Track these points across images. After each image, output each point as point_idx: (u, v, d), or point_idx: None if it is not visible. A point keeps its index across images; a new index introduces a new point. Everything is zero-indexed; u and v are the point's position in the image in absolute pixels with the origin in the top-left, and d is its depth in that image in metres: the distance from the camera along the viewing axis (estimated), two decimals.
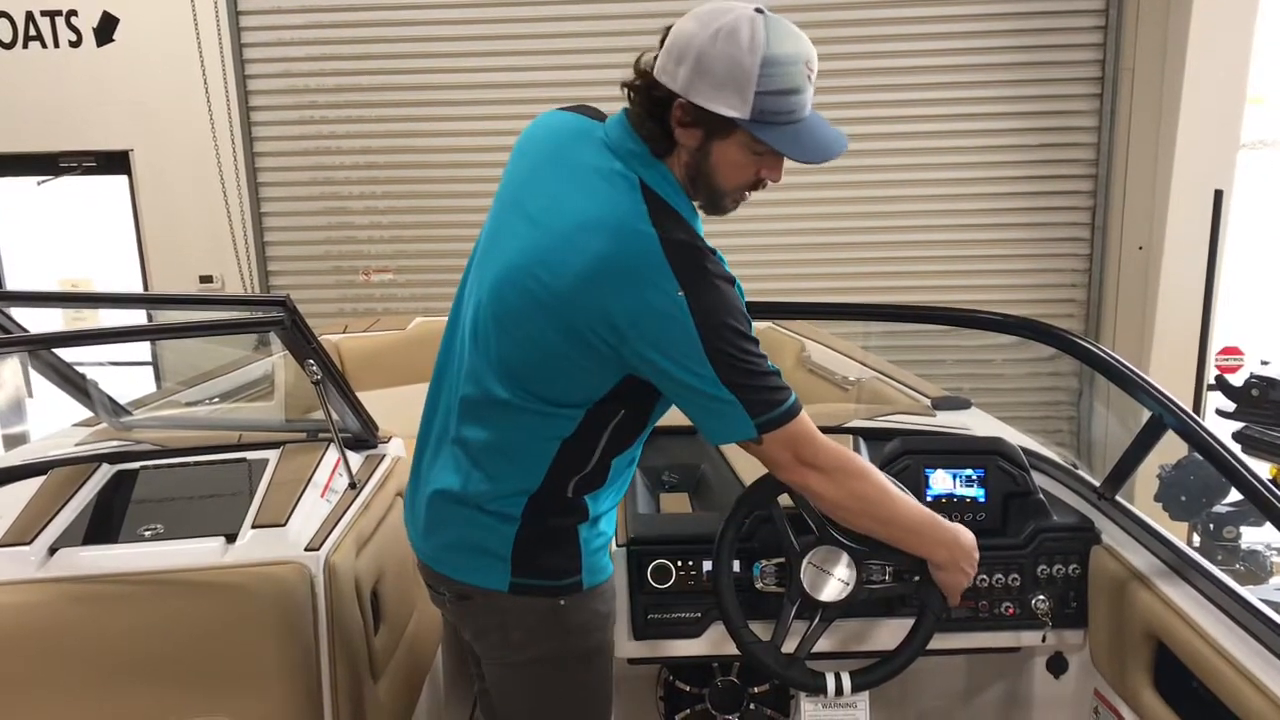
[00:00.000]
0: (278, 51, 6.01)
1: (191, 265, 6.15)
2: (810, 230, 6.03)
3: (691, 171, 1.76)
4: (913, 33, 5.78)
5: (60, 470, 2.62)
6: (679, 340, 1.67)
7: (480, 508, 1.90)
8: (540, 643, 1.95)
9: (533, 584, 1.91)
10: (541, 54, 5.92)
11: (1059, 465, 2.51)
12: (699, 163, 1.75)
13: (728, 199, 1.80)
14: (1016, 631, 2.29)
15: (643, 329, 1.68)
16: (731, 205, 1.82)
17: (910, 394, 3.42)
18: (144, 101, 6.00)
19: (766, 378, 1.73)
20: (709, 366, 1.68)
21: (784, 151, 1.70)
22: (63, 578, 2.22)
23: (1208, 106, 5.34)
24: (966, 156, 5.92)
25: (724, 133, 1.70)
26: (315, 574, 2.22)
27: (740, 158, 1.73)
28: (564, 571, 1.91)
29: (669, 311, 1.66)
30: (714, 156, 1.73)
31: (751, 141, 1.69)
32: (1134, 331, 5.81)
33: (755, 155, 1.73)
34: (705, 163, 1.74)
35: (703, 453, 2.59)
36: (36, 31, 5.95)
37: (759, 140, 1.68)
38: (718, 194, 1.79)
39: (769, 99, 1.65)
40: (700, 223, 1.83)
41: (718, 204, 1.81)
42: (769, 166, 1.76)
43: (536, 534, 1.89)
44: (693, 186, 1.78)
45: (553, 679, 2.00)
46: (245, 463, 2.72)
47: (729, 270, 1.75)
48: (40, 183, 6.15)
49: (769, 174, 1.77)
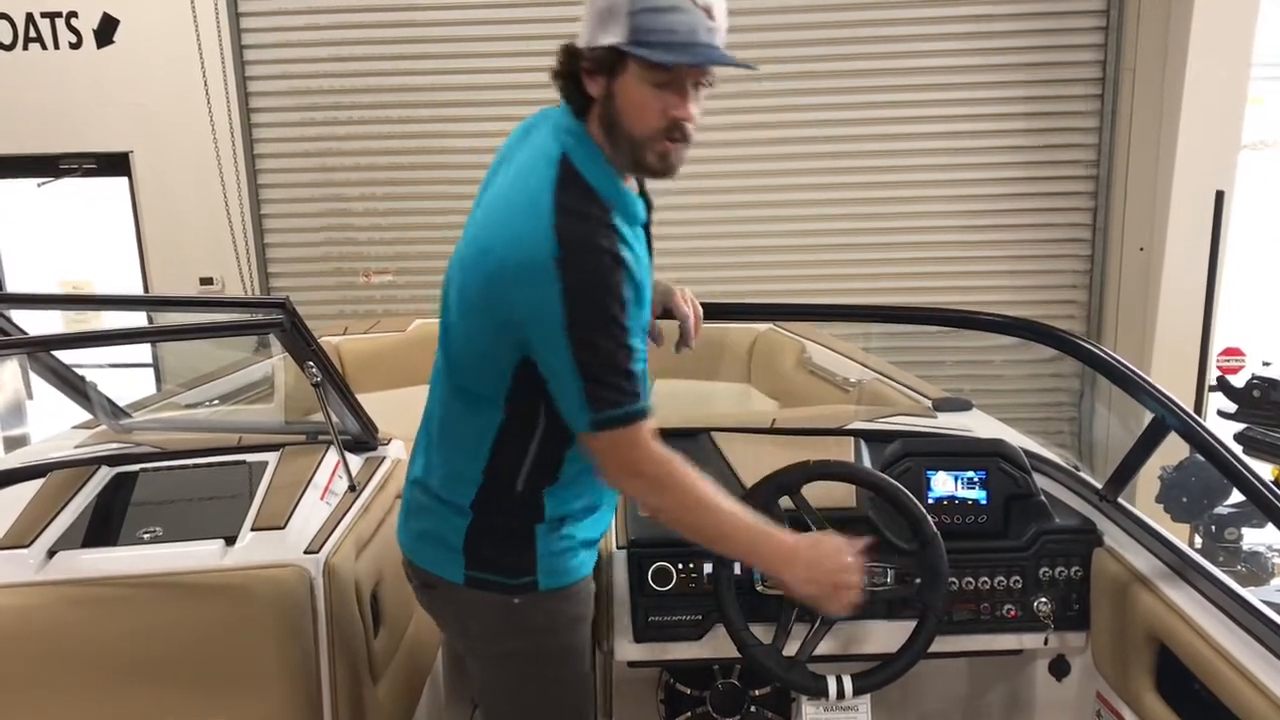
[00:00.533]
0: (278, 53, 6.00)
1: (192, 267, 6.15)
2: (811, 231, 6.02)
3: (606, 124, 1.74)
4: (913, 34, 5.77)
5: (59, 473, 2.62)
6: (545, 309, 1.66)
7: (438, 497, 1.94)
8: (503, 639, 1.98)
9: (487, 579, 1.92)
10: (542, 55, 5.89)
11: (1060, 467, 2.50)
12: (609, 113, 1.73)
13: (646, 151, 1.73)
14: (1018, 634, 2.29)
15: (518, 293, 1.68)
16: (656, 160, 1.74)
17: (911, 395, 3.42)
18: (144, 103, 5.99)
19: (619, 373, 1.70)
20: (565, 342, 1.67)
21: (653, 58, 1.64)
22: (62, 580, 2.22)
23: (1209, 107, 5.33)
24: (967, 157, 5.91)
25: (618, 67, 1.69)
26: (315, 576, 2.22)
27: (639, 94, 1.69)
28: (518, 570, 1.92)
29: (541, 279, 1.65)
30: (618, 101, 1.71)
31: (642, 71, 1.67)
32: (1135, 332, 5.80)
33: (655, 89, 1.68)
34: (613, 109, 1.72)
35: (704, 455, 2.58)
36: (37, 33, 5.94)
37: (641, 62, 1.65)
38: (635, 145, 1.73)
39: (644, 17, 1.63)
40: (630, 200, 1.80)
41: (639, 158, 1.75)
42: (674, 104, 1.70)
43: (487, 528, 1.91)
44: (614, 147, 1.75)
45: (523, 674, 2.02)
46: (245, 465, 2.72)
47: (635, 255, 1.73)
48: (40, 184, 6.15)
49: (676, 111, 1.70)
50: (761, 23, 5.75)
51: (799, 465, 2.10)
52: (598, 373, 1.69)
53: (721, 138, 5.85)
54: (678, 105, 1.70)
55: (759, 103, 5.83)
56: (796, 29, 5.79)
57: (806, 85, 5.84)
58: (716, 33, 1.67)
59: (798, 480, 2.09)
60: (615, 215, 1.74)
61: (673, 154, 1.75)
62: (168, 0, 5.83)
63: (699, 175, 5.93)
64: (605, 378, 1.69)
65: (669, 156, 1.75)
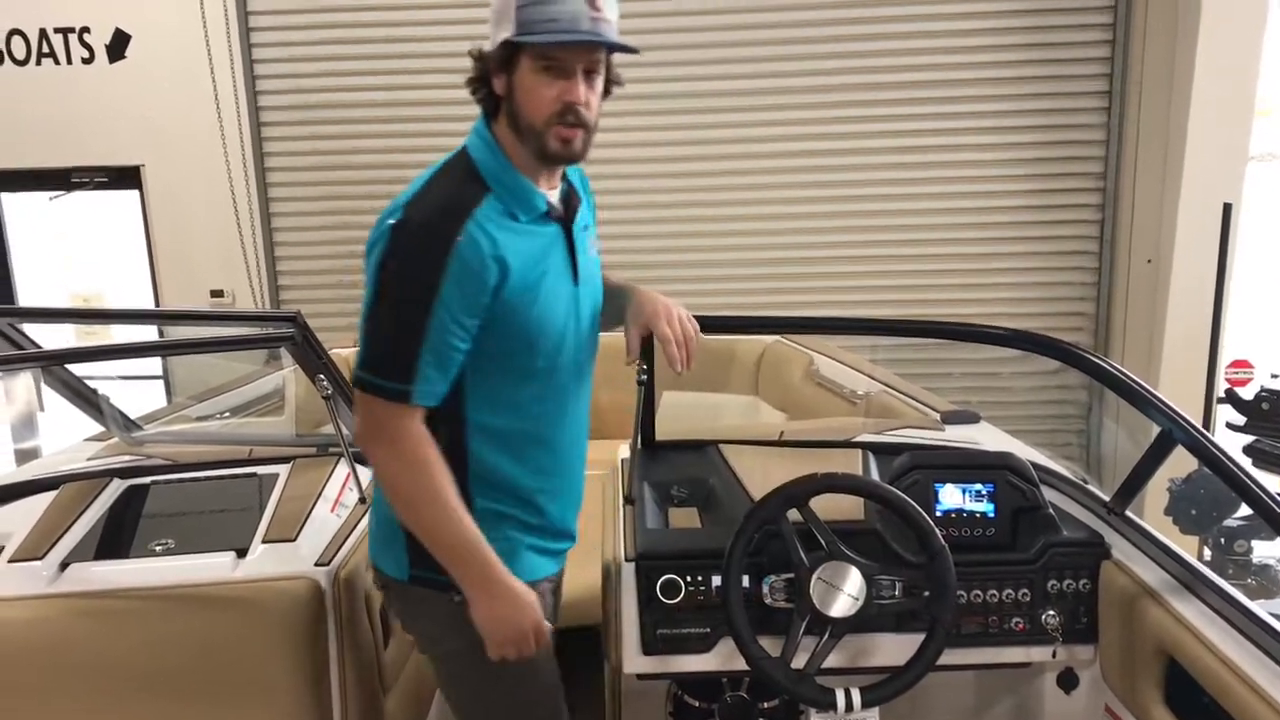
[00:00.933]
0: (288, 68, 6.04)
1: (202, 280, 6.18)
2: (819, 244, 6.03)
3: (511, 118, 1.83)
4: (921, 47, 5.78)
5: (72, 485, 2.64)
6: (370, 272, 1.78)
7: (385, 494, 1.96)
8: (446, 638, 2.00)
9: (428, 576, 1.94)
10: None
11: (1068, 480, 2.50)
12: (512, 107, 1.82)
13: (548, 138, 1.80)
14: (1026, 647, 2.29)
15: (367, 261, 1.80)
16: (559, 146, 1.81)
17: (919, 408, 3.42)
18: (155, 117, 6.03)
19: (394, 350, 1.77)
20: (366, 300, 1.79)
21: (537, 41, 1.74)
22: (74, 593, 2.23)
23: (1216, 119, 5.33)
24: (975, 170, 5.92)
25: (513, 62, 1.79)
26: (325, 588, 2.23)
27: (532, 82, 1.78)
28: None
29: (378, 245, 1.77)
30: (517, 93, 1.80)
31: (532, 61, 1.77)
32: (1143, 345, 5.80)
33: (546, 75, 1.77)
34: (514, 103, 1.81)
35: (712, 468, 2.59)
36: (50, 49, 5.99)
37: (530, 51, 1.75)
38: (537, 134, 1.80)
39: (529, 10, 1.73)
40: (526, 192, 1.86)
41: (543, 146, 1.82)
42: (565, 90, 1.78)
43: None
44: (520, 140, 1.83)
45: (464, 674, 2.03)
46: (255, 477, 2.73)
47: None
48: (52, 198, 6.18)
49: (567, 96, 1.78)
50: (774, 36, 5.78)
51: (807, 478, 2.11)
52: (377, 340, 1.79)
53: (731, 150, 5.89)
54: (568, 90, 1.78)
55: (769, 116, 5.85)
56: (809, 43, 5.80)
57: (816, 99, 5.85)
58: (601, 21, 1.75)
59: (806, 492, 2.10)
60: (493, 205, 1.81)
61: (575, 140, 1.82)
62: (179, 16, 5.88)
63: (707, 189, 5.96)
64: (381, 348, 1.79)
65: (572, 143, 1.82)
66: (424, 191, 1.81)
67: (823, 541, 2.09)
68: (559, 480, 2.04)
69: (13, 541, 2.38)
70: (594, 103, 1.82)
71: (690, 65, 5.84)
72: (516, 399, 1.92)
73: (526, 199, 1.86)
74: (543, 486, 2.00)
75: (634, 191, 5.98)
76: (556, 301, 1.90)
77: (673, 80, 5.83)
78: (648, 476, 2.52)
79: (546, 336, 1.88)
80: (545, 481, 2.01)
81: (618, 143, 5.81)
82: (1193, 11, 5.29)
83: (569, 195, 1.97)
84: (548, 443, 1.99)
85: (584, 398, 2.09)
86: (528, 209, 1.86)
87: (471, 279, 1.76)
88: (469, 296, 1.76)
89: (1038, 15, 5.73)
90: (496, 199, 1.82)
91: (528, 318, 1.84)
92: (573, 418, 2.04)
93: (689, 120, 5.90)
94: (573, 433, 2.05)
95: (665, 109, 5.87)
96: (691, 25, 5.81)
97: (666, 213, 6.03)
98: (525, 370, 1.90)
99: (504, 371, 1.88)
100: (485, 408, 1.90)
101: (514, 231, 1.82)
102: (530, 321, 1.85)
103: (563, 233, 1.93)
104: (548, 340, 1.89)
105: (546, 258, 1.88)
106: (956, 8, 5.75)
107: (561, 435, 2.01)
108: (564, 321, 1.92)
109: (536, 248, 1.86)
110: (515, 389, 1.91)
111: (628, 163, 5.93)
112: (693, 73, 5.85)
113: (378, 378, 1.78)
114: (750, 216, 6.00)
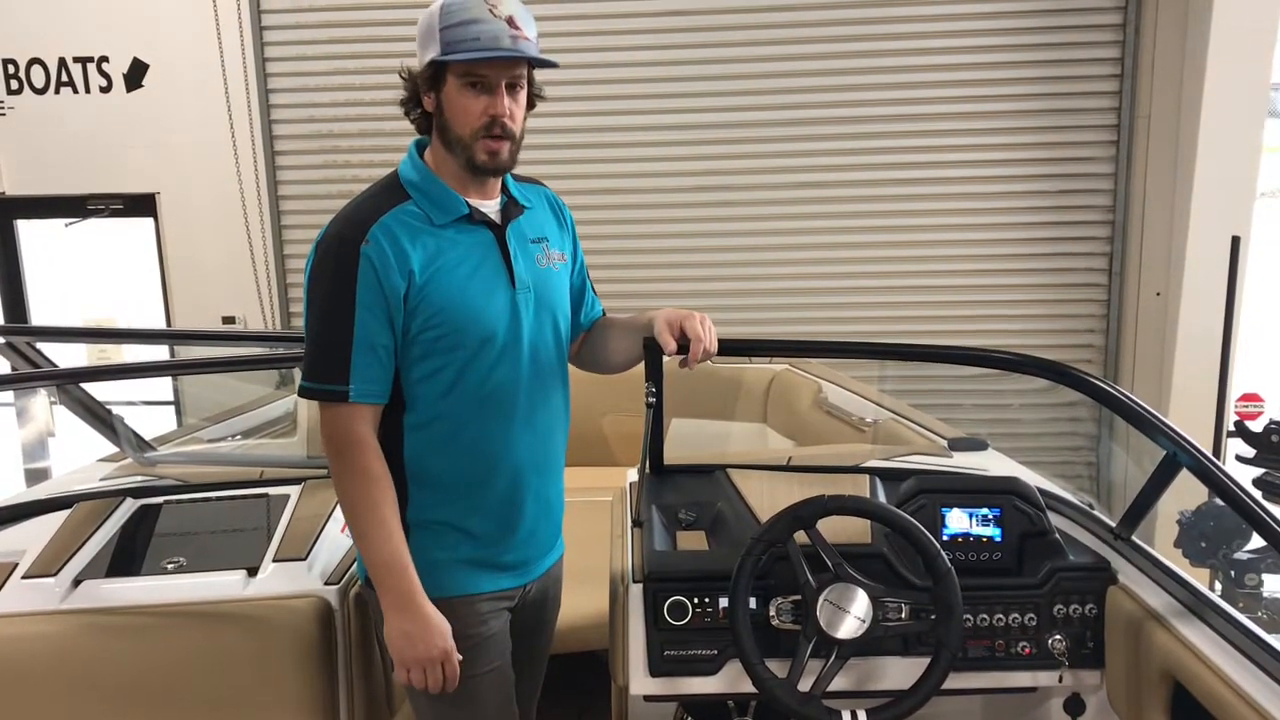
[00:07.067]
0: (303, 97, 6.11)
1: (214, 306, 6.22)
2: (826, 275, 6.05)
3: (441, 133, 1.97)
4: (932, 80, 5.82)
5: (85, 504, 2.66)
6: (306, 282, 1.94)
7: None
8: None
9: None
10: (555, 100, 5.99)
11: (1075, 505, 2.51)
12: (441, 122, 1.95)
13: (475, 150, 1.93)
14: (1033, 671, 2.28)
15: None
16: (486, 158, 1.93)
17: (927, 435, 3.43)
18: (171, 145, 6.10)
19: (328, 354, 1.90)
20: (304, 313, 1.94)
21: (460, 59, 1.85)
22: (86, 609, 2.25)
23: (1225, 153, 5.35)
24: (984, 202, 5.94)
25: (439, 80, 1.92)
26: (335, 607, 2.24)
27: (458, 98, 1.90)
28: None
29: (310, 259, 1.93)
30: (445, 109, 1.93)
31: (457, 78, 1.89)
32: (1152, 377, 5.79)
33: (471, 91, 1.89)
34: (443, 119, 1.94)
35: (719, 491, 2.60)
36: (69, 77, 6.07)
37: (454, 68, 1.87)
38: (464, 146, 1.93)
39: (451, 31, 1.86)
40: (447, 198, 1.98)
41: (471, 158, 1.94)
42: (489, 104, 1.90)
43: None
44: (449, 154, 1.96)
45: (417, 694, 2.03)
46: (267, 498, 2.76)
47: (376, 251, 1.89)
48: (68, 224, 6.24)
49: (491, 109, 1.90)
50: (783, 69, 5.83)
51: (814, 500, 2.12)
52: (312, 348, 1.92)
53: (740, 181, 5.92)
54: (493, 104, 1.90)
55: (779, 147, 5.89)
56: (819, 75, 5.86)
57: (826, 130, 5.89)
58: (520, 39, 1.88)
59: (813, 514, 2.11)
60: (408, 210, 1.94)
61: (501, 151, 1.94)
62: (196, 45, 5.96)
63: (718, 219, 5.99)
64: (315, 354, 1.92)
65: (499, 154, 1.94)
66: (345, 208, 1.97)
67: (830, 564, 2.10)
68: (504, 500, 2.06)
69: (27, 558, 2.40)
70: (518, 115, 1.96)
71: (694, 97, 5.88)
72: (451, 396, 1.98)
73: (443, 202, 1.97)
74: (479, 503, 2.03)
75: (641, 221, 6.02)
76: (485, 300, 1.97)
77: (675, 112, 5.89)
78: (656, 499, 2.53)
79: (470, 333, 1.95)
80: (481, 496, 2.03)
81: (623, 173, 5.88)
82: (1200, 48, 5.32)
83: (508, 207, 2.06)
84: (488, 455, 2.02)
85: (546, 420, 2.11)
86: (445, 212, 1.97)
87: (382, 277, 1.88)
88: (385, 294, 1.88)
89: (1047, 49, 5.77)
90: (415, 205, 1.96)
91: (446, 309, 1.93)
92: (528, 436, 2.06)
93: (695, 151, 5.94)
94: (530, 455, 2.07)
95: (669, 140, 5.92)
96: (699, 58, 5.85)
97: (672, 243, 6.06)
98: (457, 364, 1.96)
99: (437, 370, 1.96)
100: (421, 405, 1.97)
101: (428, 233, 1.94)
102: (452, 314, 1.93)
103: (495, 238, 2.02)
104: (471, 336, 1.95)
105: (472, 258, 1.98)
106: (970, 41, 5.79)
107: (509, 452, 2.03)
108: (496, 321, 1.98)
109: (459, 246, 1.97)
110: (450, 385, 1.97)
111: (633, 193, 5.98)
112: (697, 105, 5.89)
113: (318, 383, 1.91)
114: (758, 247, 6.03)
